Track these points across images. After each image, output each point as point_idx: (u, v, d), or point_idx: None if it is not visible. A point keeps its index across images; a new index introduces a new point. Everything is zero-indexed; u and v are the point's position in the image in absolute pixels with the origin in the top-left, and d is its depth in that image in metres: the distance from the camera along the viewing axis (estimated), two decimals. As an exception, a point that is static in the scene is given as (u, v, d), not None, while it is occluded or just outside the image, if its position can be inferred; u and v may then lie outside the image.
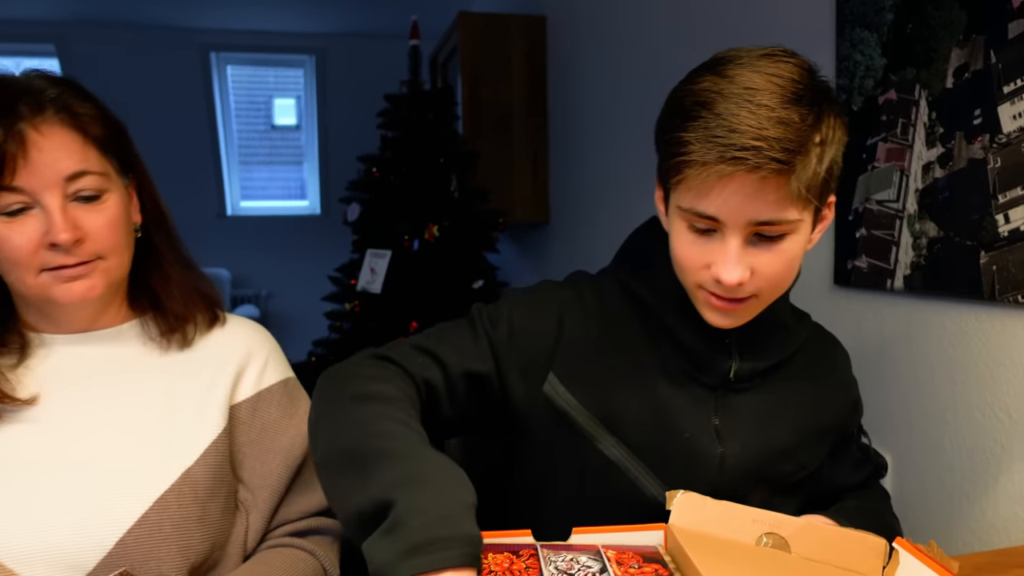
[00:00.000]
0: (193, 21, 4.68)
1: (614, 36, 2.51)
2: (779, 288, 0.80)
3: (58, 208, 0.78)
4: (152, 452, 0.84)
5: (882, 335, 1.35)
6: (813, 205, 0.75)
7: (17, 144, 0.76)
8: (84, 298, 0.82)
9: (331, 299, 2.76)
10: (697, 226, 0.76)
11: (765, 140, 0.68)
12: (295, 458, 0.94)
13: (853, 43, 1.36)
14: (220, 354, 0.93)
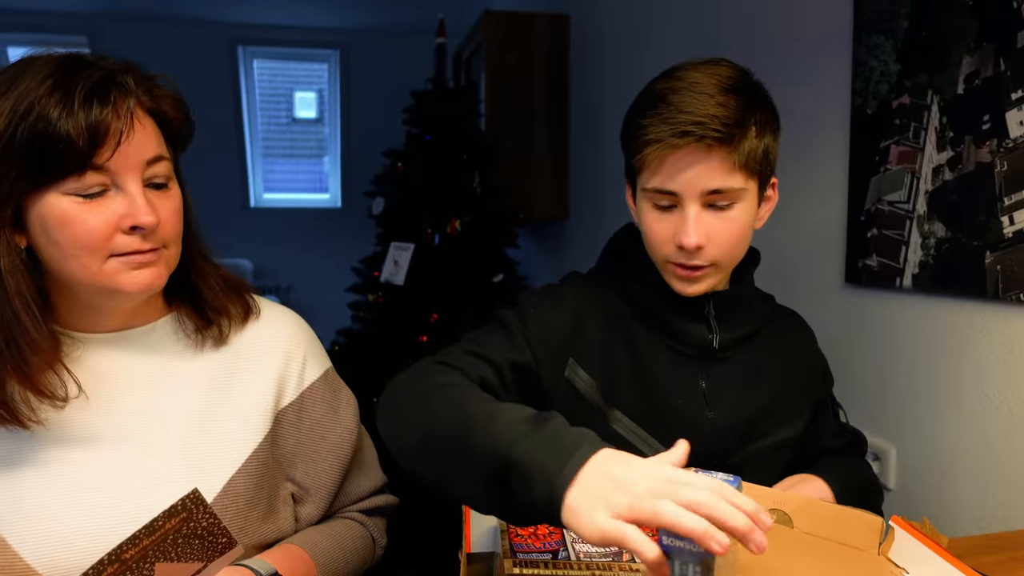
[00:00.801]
0: (223, 15, 4.76)
1: (636, 36, 2.56)
2: (733, 256, 0.94)
3: (140, 191, 0.77)
4: (194, 466, 0.82)
5: (891, 331, 1.39)
6: (755, 178, 0.90)
7: (113, 125, 0.74)
8: (150, 287, 0.79)
9: (354, 290, 2.83)
10: (660, 203, 0.91)
11: (708, 117, 0.85)
12: (345, 455, 0.95)
13: (869, 49, 1.41)
14: (259, 353, 0.91)
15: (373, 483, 1.02)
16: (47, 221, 0.74)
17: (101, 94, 0.74)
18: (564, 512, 0.57)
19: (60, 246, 0.75)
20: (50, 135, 0.71)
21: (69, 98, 0.72)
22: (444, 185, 2.67)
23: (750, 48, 1.82)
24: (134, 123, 0.76)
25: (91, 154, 0.73)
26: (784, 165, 1.67)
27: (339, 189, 5.39)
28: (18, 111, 0.72)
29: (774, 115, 0.94)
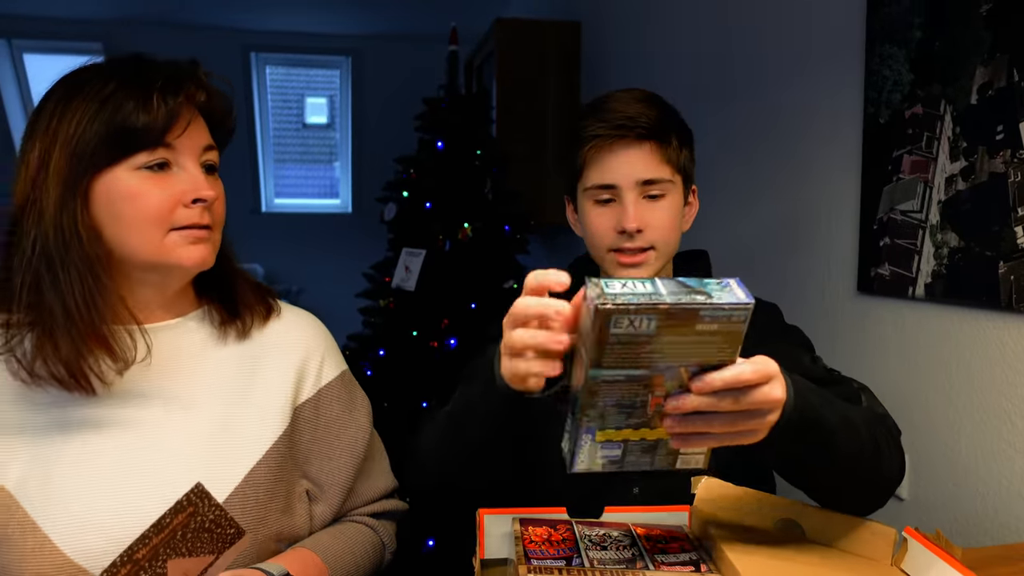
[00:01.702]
0: (236, 21, 4.80)
1: (648, 43, 2.57)
2: (668, 242, 1.04)
3: (199, 170, 0.85)
4: (217, 456, 0.85)
5: (903, 340, 1.39)
6: (680, 176, 1.05)
7: (186, 109, 0.83)
8: (204, 261, 0.86)
9: (365, 295, 2.84)
10: (600, 198, 1.03)
11: (638, 115, 1.00)
12: (358, 454, 0.98)
13: (882, 58, 1.41)
14: (279, 350, 0.95)
15: (384, 486, 1.04)
16: (114, 196, 0.80)
17: (175, 88, 0.82)
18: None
19: (125, 220, 0.81)
20: (128, 121, 0.79)
21: (146, 91, 0.80)
22: (456, 191, 2.68)
23: (762, 57, 1.83)
24: (196, 115, 0.86)
25: (164, 133, 0.81)
26: (797, 174, 1.68)
27: (350, 194, 5.41)
28: (95, 105, 0.79)
29: (690, 134, 1.08)
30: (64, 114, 0.80)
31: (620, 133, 1.01)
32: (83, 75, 0.83)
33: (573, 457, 0.63)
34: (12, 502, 0.79)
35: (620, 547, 0.73)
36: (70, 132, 0.79)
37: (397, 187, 2.82)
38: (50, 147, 0.79)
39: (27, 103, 4.79)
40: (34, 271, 0.79)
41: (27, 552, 0.78)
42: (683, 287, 0.58)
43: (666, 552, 0.72)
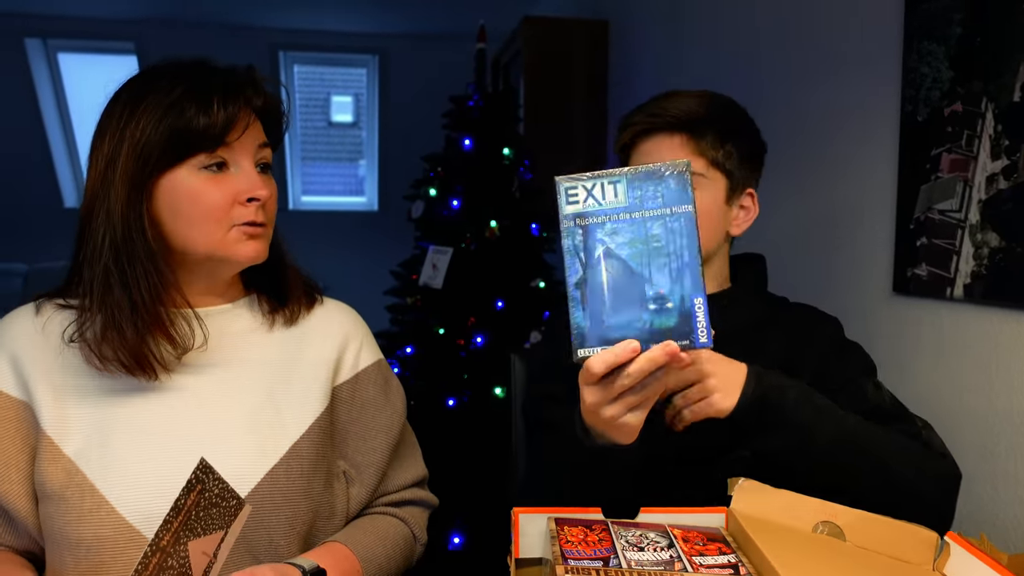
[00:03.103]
0: (265, 20, 4.84)
1: (677, 43, 2.55)
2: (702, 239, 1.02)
3: (254, 170, 0.90)
4: (264, 427, 0.91)
5: (940, 342, 1.37)
6: (720, 172, 1.03)
7: (244, 113, 0.88)
8: (258, 256, 0.91)
9: (392, 293, 2.85)
10: None
11: (673, 106, 1.02)
12: (394, 436, 1.02)
13: (920, 55, 1.39)
14: (321, 335, 1.01)
15: (415, 474, 1.07)
16: (177, 194, 0.86)
17: (234, 93, 0.87)
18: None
19: (186, 216, 0.87)
20: (190, 125, 0.84)
21: (206, 97, 0.85)
22: (483, 189, 2.69)
23: (797, 54, 1.81)
24: (253, 117, 0.91)
25: (224, 135, 0.86)
26: (832, 173, 1.66)
27: (376, 192, 5.44)
28: (160, 111, 0.84)
29: (746, 137, 1.07)
30: (132, 117, 0.85)
31: (650, 122, 1.03)
32: (150, 79, 0.88)
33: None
34: (72, 466, 0.84)
35: (657, 548, 0.72)
36: (137, 135, 0.84)
37: (424, 185, 2.82)
38: (118, 147, 0.85)
39: (61, 102, 4.87)
40: (104, 265, 0.85)
41: (85, 513, 0.83)
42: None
43: (704, 555, 0.72)
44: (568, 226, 0.69)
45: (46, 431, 0.86)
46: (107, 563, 0.83)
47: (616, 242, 0.68)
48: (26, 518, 0.87)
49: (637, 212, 0.69)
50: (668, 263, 0.68)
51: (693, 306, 0.68)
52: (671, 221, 0.68)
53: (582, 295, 0.68)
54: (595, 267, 0.69)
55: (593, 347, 0.68)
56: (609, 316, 0.68)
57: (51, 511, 0.85)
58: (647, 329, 0.68)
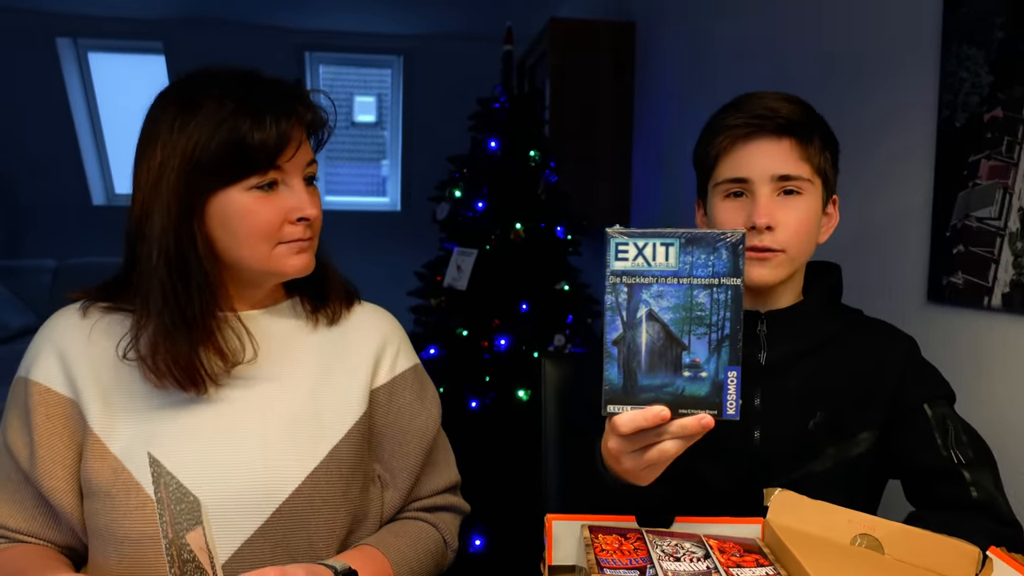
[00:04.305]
0: (291, 21, 4.86)
1: (705, 46, 2.53)
2: (801, 247, 0.98)
3: (303, 189, 0.91)
4: (305, 431, 0.92)
5: (977, 352, 1.34)
6: (820, 179, 0.98)
7: (296, 131, 0.88)
8: (306, 268, 0.93)
9: (417, 294, 2.86)
10: (732, 191, 0.98)
11: (780, 109, 0.96)
12: (428, 440, 1.02)
13: (959, 60, 1.36)
14: (360, 336, 1.01)
15: (448, 479, 1.07)
16: (229, 213, 0.87)
17: (286, 109, 0.87)
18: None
19: (238, 234, 0.87)
20: (243, 144, 0.84)
21: (259, 113, 0.85)
22: (508, 192, 2.68)
23: (831, 58, 1.79)
24: (303, 132, 0.91)
25: (276, 156, 0.87)
26: (865, 178, 1.64)
27: (398, 193, 5.44)
28: (212, 125, 0.84)
29: (835, 143, 1.03)
30: (184, 128, 0.85)
31: (757, 124, 0.97)
32: (200, 87, 0.87)
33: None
34: (118, 464, 0.86)
35: (694, 559, 0.71)
36: (190, 148, 0.84)
37: (450, 186, 2.82)
38: (169, 159, 0.85)
39: (91, 101, 4.93)
40: (158, 280, 0.85)
41: (130, 510, 0.85)
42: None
43: (741, 566, 0.71)
44: (614, 283, 0.69)
45: (93, 429, 0.88)
46: (150, 559, 0.85)
47: (660, 305, 0.69)
48: (71, 514, 0.88)
49: (685, 278, 0.69)
50: (708, 333, 0.68)
51: (727, 379, 0.68)
52: (718, 292, 0.68)
53: (619, 353, 0.69)
54: (636, 327, 0.69)
55: (623, 406, 0.69)
56: (643, 377, 0.69)
57: (97, 507, 0.86)
58: (678, 395, 0.69)
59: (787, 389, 1.01)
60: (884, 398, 1.01)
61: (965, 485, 0.94)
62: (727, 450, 1.00)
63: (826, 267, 1.11)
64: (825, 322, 1.04)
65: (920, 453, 0.98)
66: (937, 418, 0.99)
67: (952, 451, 0.97)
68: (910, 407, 1.00)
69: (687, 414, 0.68)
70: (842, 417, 1.00)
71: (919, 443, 0.98)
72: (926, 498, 0.98)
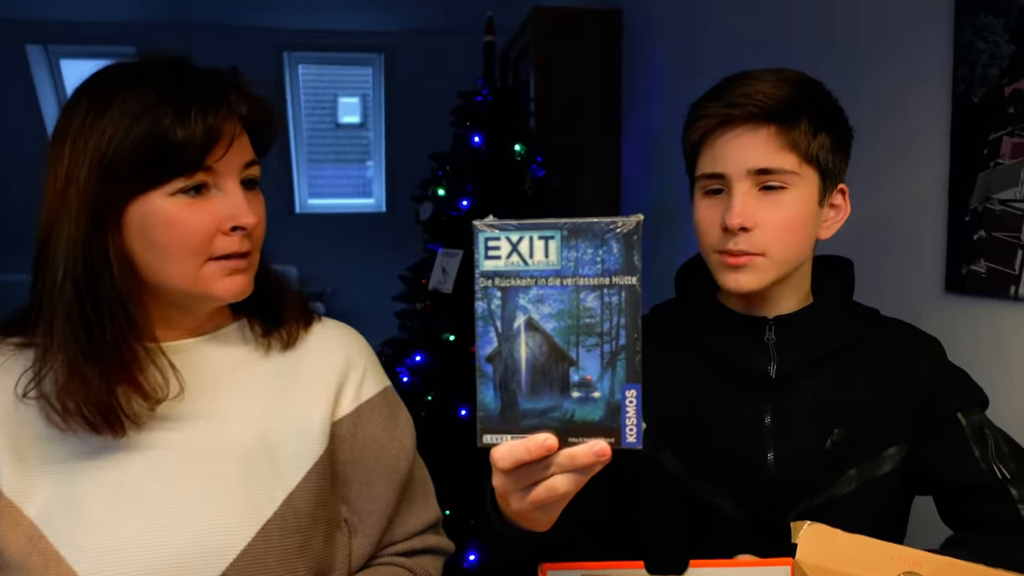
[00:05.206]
0: (268, 20, 4.75)
1: (695, 27, 2.42)
2: (785, 248, 0.86)
3: (240, 192, 0.78)
4: (255, 475, 0.79)
5: (1002, 345, 1.24)
6: (814, 168, 0.86)
7: (228, 125, 0.76)
8: (242, 292, 0.79)
9: (401, 298, 2.74)
10: (710, 188, 0.88)
11: (756, 92, 0.83)
12: (401, 476, 0.89)
13: (976, 29, 1.25)
14: (319, 362, 0.89)
15: (427, 518, 0.94)
16: (150, 222, 0.74)
17: (215, 100, 0.75)
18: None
19: (161, 248, 0.75)
20: (165, 140, 0.72)
21: (183, 104, 0.73)
22: (494, 188, 2.57)
23: (832, 34, 1.68)
24: (241, 132, 0.78)
25: (204, 155, 0.74)
26: (873, 161, 1.53)
27: (383, 193, 5.34)
28: (129, 118, 0.72)
29: (838, 123, 0.90)
30: (95, 125, 0.72)
31: (728, 113, 0.85)
32: (117, 78, 0.76)
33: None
34: (35, 531, 0.73)
35: (712, 612, 0.60)
36: (102, 147, 0.72)
37: (432, 185, 2.71)
38: (79, 161, 0.72)
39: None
40: (66, 305, 0.73)
41: None
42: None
43: (769, 620, 0.59)
44: (486, 286, 0.57)
45: (4, 492, 0.75)
46: None
47: (541, 312, 0.56)
48: None
49: (570, 278, 0.56)
50: (600, 344, 0.55)
51: (624, 399, 0.55)
52: (610, 294, 0.55)
53: (495, 371, 0.56)
54: (513, 340, 0.56)
55: (501, 435, 0.56)
56: (524, 400, 0.56)
57: None
58: (566, 420, 0.55)
59: (801, 404, 0.89)
60: (911, 409, 0.90)
61: (1012, 503, 0.83)
62: (739, 476, 0.88)
63: (838, 263, 0.98)
64: (840, 325, 0.92)
65: (956, 468, 0.87)
66: (973, 428, 0.88)
67: (994, 464, 0.86)
68: (942, 417, 0.89)
69: (578, 442, 0.55)
70: (864, 433, 0.89)
71: (954, 457, 0.87)
72: (965, 518, 0.87)
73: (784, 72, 0.88)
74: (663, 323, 0.97)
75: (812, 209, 0.87)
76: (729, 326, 0.92)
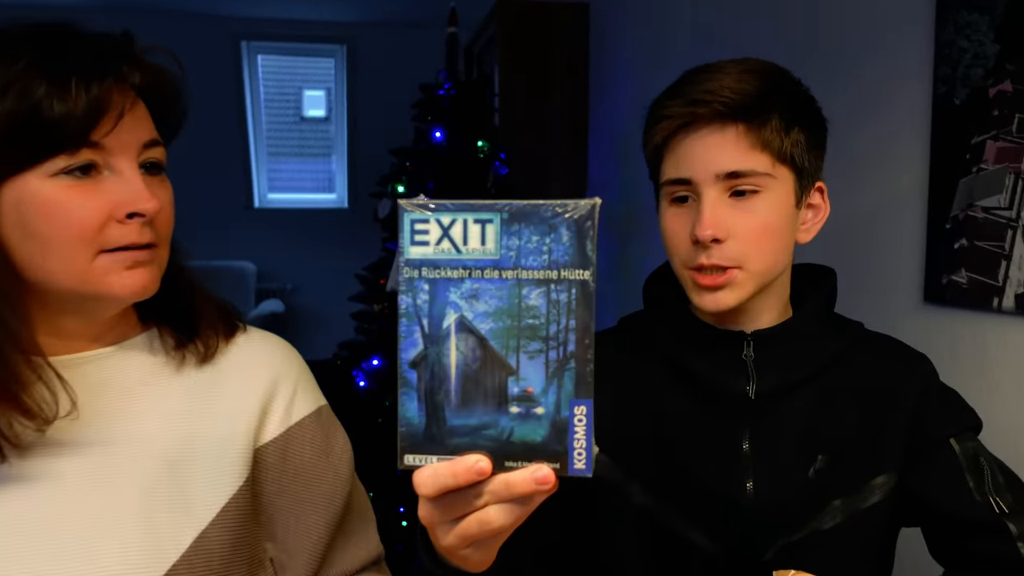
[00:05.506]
0: (223, 9, 4.59)
1: (665, 21, 2.36)
2: (763, 258, 0.78)
3: (138, 174, 0.67)
4: (161, 513, 0.69)
5: (984, 360, 1.18)
6: (789, 168, 0.78)
7: (117, 96, 0.66)
8: (143, 290, 0.69)
9: (358, 299, 2.64)
10: (677, 195, 0.80)
11: (720, 88, 0.76)
12: (336, 510, 0.79)
13: (958, 27, 1.19)
14: (242, 376, 0.78)
15: (367, 553, 0.83)
16: (27, 210, 0.65)
17: (101, 69, 0.65)
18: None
19: (42, 239, 0.65)
20: (38, 114, 0.63)
21: (62, 74, 0.63)
22: (455, 185, 2.47)
23: (805, 31, 1.61)
24: (134, 103, 0.68)
25: (88, 129, 0.64)
26: (850, 163, 1.47)
27: (346, 189, 5.22)
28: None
29: (812, 115, 0.82)
30: None
31: (692, 112, 0.77)
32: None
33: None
34: None
35: None
36: None
37: (391, 181, 2.61)
38: None
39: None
40: None
41: None
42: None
43: None
44: (410, 277, 0.47)
45: None
46: None
47: (475, 310, 0.47)
48: None
49: (510, 270, 0.47)
50: (545, 351, 0.46)
51: (572, 417, 0.46)
52: (558, 291, 0.46)
53: (420, 379, 0.47)
54: (441, 343, 0.47)
55: (426, 455, 0.47)
56: (453, 415, 0.47)
57: None
58: (503, 440, 0.46)
59: (782, 427, 0.82)
60: (900, 434, 0.82)
61: (1011, 540, 0.76)
62: (715, 508, 0.81)
63: (819, 272, 0.91)
64: (823, 341, 0.85)
65: (949, 499, 0.80)
66: (967, 456, 0.81)
67: (990, 496, 0.79)
68: (933, 444, 0.82)
69: (516, 467, 0.46)
70: (849, 460, 0.81)
71: (947, 487, 0.80)
72: (959, 554, 0.80)
73: (749, 62, 0.80)
74: (632, 336, 0.89)
75: (789, 212, 0.80)
76: (704, 342, 0.84)
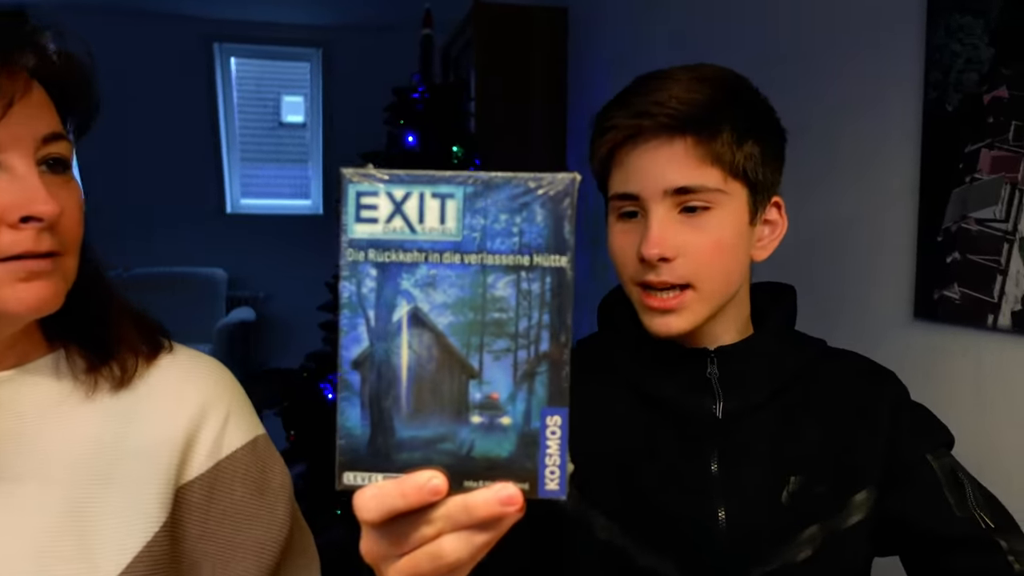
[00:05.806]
0: (195, 10, 4.48)
1: (644, 26, 2.30)
2: (715, 278, 0.75)
3: (34, 173, 0.59)
4: (60, 564, 0.61)
5: (980, 379, 1.13)
6: (742, 183, 0.74)
7: (5, 82, 0.58)
8: (44, 304, 0.61)
9: (327, 308, 2.54)
10: (624, 210, 0.76)
11: (669, 99, 0.72)
12: (273, 553, 0.70)
13: (950, 31, 1.14)
14: (164, 402, 0.69)
15: None
16: None
17: None
18: None
19: None
20: None
21: None
22: (429, 192, 2.40)
23: (789, 37, 1.56)
24: (29, 91, 0.59)
25: None
26: (835, 172, 1.41)
27: (321, 194, 5.13)
28: None
29: (768, 127, 0.78)
30: None
31: (638, 124, 0.73)
32: None
33: None
34: None
35: None
36: None
37: (364, 187, 2.52)
38: None
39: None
40: None
41: None
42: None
43: None
44: (355, 260, 0.40)
45: None
46: None
47: (432, 301, 0.39)
48: None
49: (473, 255, 0.39)
50: (514, 350, 0.38)
51: (544, 428, 0.38)
52: (529, 279, 0.38)
53: (364, 382, 0.39)
54: (390, 339, 0.38)
55: (370, 472, 0.39)
56: (404, 425, 0.39)
57: None
58: (462, 455, 0.39)
59: (748, 449, 0.77)
60: (876, 455, 0.78)
61: (1001, 554, 0.71)
62: (685, 537, 0.75)
63: (778, 289, 0.87)
64: (783, 359, 0.81)
65: (928, 517, 0.75)
66: (945, 472, 0.76)
67: (974, 512, 0.74)
68: (910, 462, 0.77)
69: (477, 486, 0.38)
70: (823, 481, 0.76)
71: (926, 504, 0.75)
72: (939, 573, 0.75)
73: (702, 69, 0.77)
74: (591, 359, 0.83)
75: (742, 229, 0.76)
76: (666, 363, 0.79)
